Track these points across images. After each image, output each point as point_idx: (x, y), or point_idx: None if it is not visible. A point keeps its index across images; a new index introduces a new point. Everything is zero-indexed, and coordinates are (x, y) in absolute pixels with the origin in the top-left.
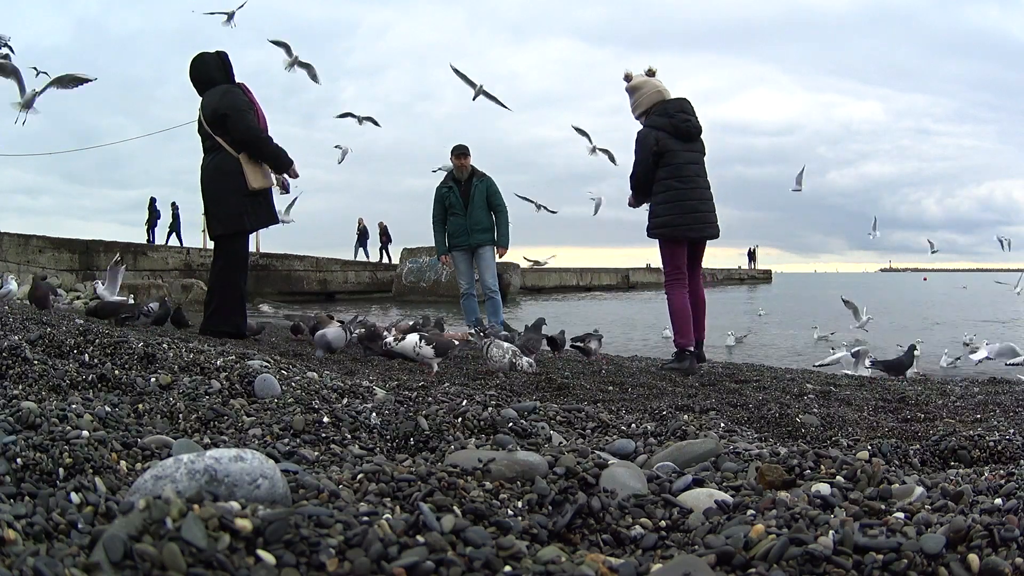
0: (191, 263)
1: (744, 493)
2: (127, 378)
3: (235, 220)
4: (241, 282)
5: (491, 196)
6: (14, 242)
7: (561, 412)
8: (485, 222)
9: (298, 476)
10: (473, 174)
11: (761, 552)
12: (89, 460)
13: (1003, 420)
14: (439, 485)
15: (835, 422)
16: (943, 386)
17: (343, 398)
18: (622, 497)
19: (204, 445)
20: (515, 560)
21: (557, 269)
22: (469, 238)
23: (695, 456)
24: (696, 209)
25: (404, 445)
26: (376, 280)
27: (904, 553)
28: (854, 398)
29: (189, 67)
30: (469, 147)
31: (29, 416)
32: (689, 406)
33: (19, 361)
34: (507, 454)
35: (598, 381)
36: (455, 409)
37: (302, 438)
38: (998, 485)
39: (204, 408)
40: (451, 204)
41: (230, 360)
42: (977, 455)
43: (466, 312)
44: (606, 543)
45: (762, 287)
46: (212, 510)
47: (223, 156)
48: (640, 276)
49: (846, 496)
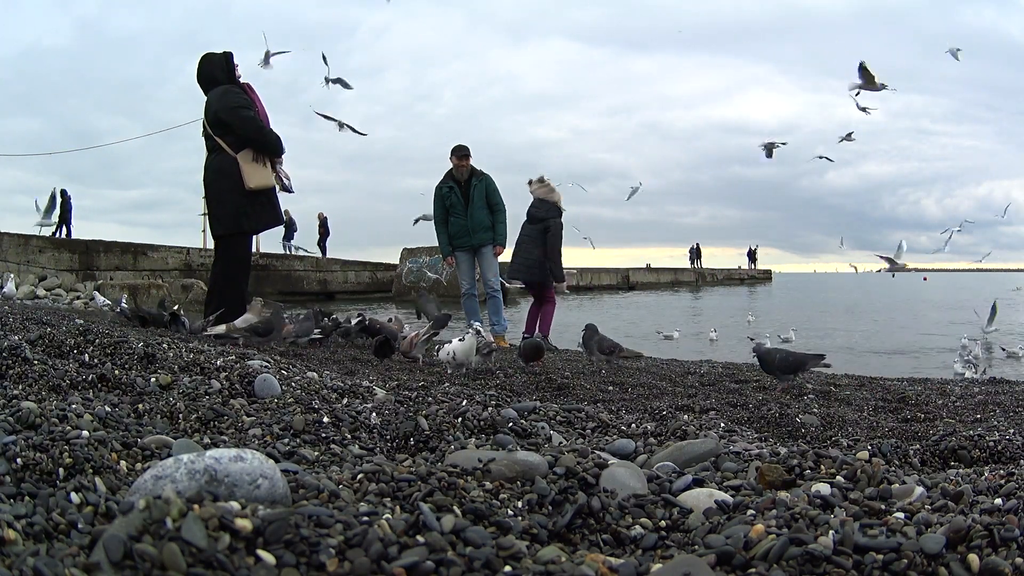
0: (191, 263)
1: (744, 493)
2: (127, 378)
3: (233, 220)
4: (241, 282)
5: (490, 195)
6: (14, 242)
7: (561, 412)
8: (486, 221)
9: (298, 476)
10: (472, 174)
11: (761, 552)
12: (89, 460)
13: (1003, 420)
14: (439, 485)
15: (835, 422)
16: (943, 386)
17: (343, 398)
18: (622, 497)
19: (204, 445)
20: (515, 560)
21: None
22: (471, 238)
23: (695, 456)
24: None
25: (404, 445)
26: (376, 280)
27: (904, 553)
28: (854, 398)
29: (196, 67)
30: (469, 147)
31: (29, 416)
32: (689, 406)
33: (19, 361)
34: (507, 454)
35: (598, 381)
36: (455, 409)
37: (302, 438)
38: (998, 485)
39: (204, 408)
40: (452, 204)
41: (230, 360)
42: (977, 455)
43: (467, 312)
44: (606, 543)
45: (762, 287)
46: (212, 510)
47: (223, 157)
48: (640, 276)
49: (846, 496)
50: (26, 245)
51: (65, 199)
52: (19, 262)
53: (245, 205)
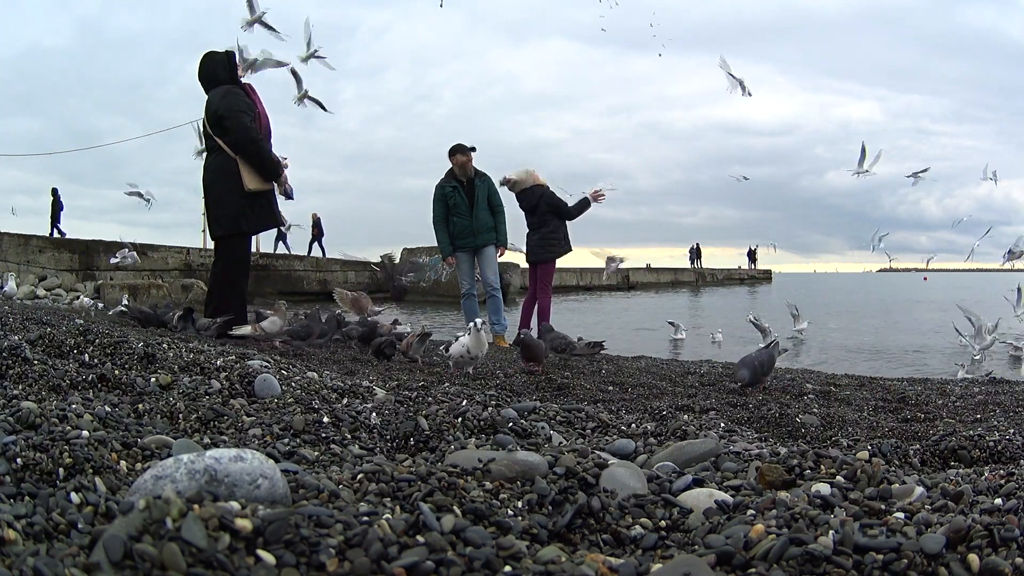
0: (191, 263)
1: (744, 493)
2: (127, 378)
3: (233, 221)
4: (241, 283)
5: (492, 195)
6: (14, 242)
7: (561, 412)
8: (490, 222)
9: (298, 476)
10: (475, 174)
11: (761, 552)
12: (89, 460)
13: (1003, 420)
14: (439, 485)
15: (835, 422)
16: (943, 386)
17: (343, 398)
18: (622, 497)
19: (204, 445)
20: (515, 560)
21: (557, 269)
22: (475, 239)
23: (695, 456)
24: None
25: (404, 445)
26: (376, 280)
27: (904, 553)
28: (854, 398)
29: (198, 65)
30: (472, 146)
31: (29, 416)
32: (689, 406)
33: (19, 361)
34: (507, 454)
35: (598, 381)
36: (455, 409)
37: (302, 438)
38: (998, 485)
39: (204, 408)
40: (455, 204)
41: (230, 360)
42: (977, 455)
43: (467, 313)
44: (606, 543)
45: (762, 287)
46: (212, 510)
47: (223, 157)
48: (640, 276)
49: (846, 496)
50: (26, 245)
51: (55, 198)
52: (19, 262)
53: (245, 206)
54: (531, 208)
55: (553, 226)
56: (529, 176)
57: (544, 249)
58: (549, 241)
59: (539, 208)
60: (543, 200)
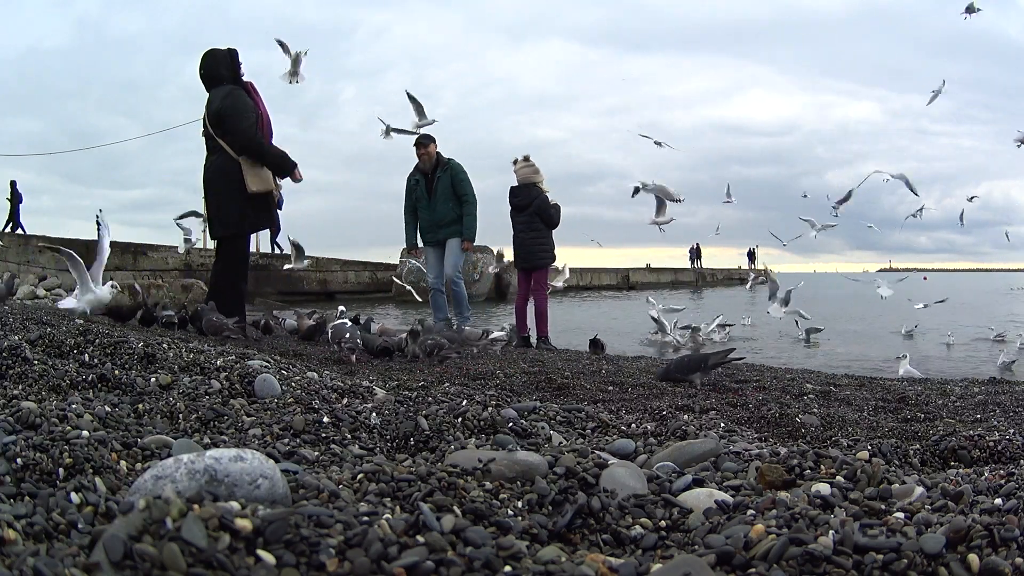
0: (191, 263)
1: (744, 493)
2: (127, 378)
3: (235, 222)
4: (241, 283)
5: (456, 186)
6: (14, 242)
7: (561, 412)
8: (451, 215)
9: (298, 476)
10: (438, 164)
11: (761, 552)
12: (89, 460)
13: (1003, 420)
14: (439, 485)
15: (835, 422)
16: (943, 386)
17: (343, 398)
18: (622, 497)
19: (204, 445)
20: (515, 560)
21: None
22: (437, 233)
23: (695, 456)
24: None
25: (404, 445)
26: (376, 280)
27: (904, 553)
28: (854, 398)
29: (199, 62)
30: (435, 136)
31: (29, 416)
32: (689, 406)
33: (19, 361)
34: (507, 454)
35: (598, 381)
36: (455, 409)
37: (302, 438)
38: (998, 485)
39: (204, 408)
40: (417, 198)
41: (230, 360)
42: (977, 455)
43: (435, 308)
44: (606, 543)
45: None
46: (212, 510)
47: (224, 158)
48: (640, 276)
49: (846, 496)
50: (26, 245)
51: (14, 190)
52: (19, 262)
53: (246, 207)
54: (521, 207)
55: (545, 233)
56: (539, 175)
57: (538, 256)
58: (544, 248)
59: (528, 210)
60: (536, 204)
